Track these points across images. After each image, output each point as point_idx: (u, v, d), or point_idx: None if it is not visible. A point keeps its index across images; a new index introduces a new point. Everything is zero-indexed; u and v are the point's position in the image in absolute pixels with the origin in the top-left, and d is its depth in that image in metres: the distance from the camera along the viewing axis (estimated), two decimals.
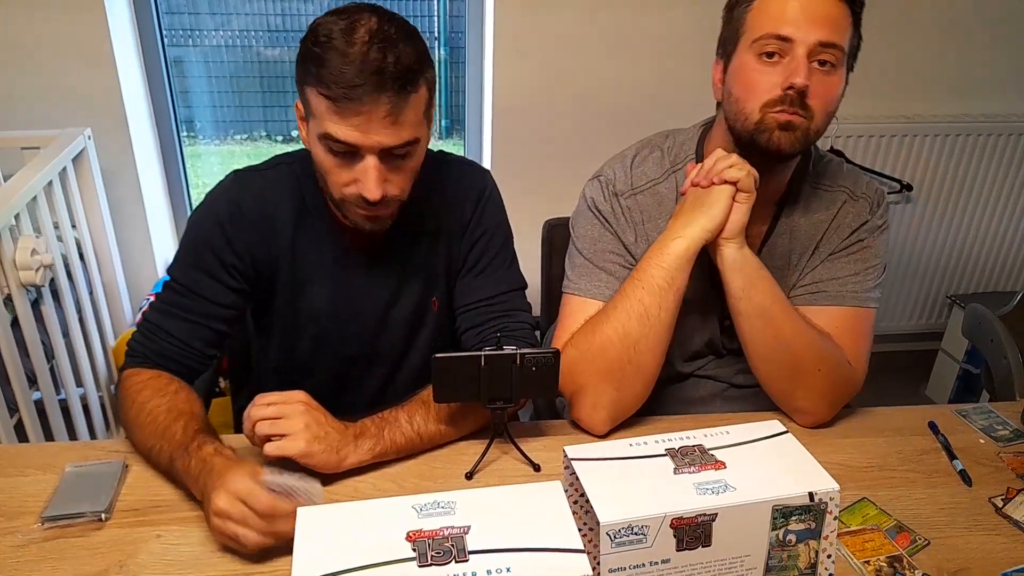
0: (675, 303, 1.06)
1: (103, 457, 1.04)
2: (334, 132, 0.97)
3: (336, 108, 0.95)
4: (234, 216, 1.10)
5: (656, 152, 1.19)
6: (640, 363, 1.07)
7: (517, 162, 2.33)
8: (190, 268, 1.11)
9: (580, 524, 0.78)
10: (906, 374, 2.66)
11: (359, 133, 0.96)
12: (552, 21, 2.20)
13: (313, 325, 1.18)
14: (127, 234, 2.24)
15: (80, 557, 0.88)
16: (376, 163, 0.99)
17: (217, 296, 1.10)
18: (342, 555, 0.68)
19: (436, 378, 0.99)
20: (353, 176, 1.00)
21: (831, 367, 1.10)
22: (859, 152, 2.45)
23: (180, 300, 1.10)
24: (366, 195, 1.00)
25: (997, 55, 2.47)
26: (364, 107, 0.95)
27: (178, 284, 1.11)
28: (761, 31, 1.02)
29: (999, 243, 2.70)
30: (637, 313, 1.05)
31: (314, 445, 0.95)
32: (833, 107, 1.05)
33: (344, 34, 0.95)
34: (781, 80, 1.01)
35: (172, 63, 2.32)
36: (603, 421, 1.10)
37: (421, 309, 1.21)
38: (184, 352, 1.09)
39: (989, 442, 1.14)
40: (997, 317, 1.83)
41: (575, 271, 1.18)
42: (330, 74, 0.94)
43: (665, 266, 1.05)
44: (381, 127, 0.96)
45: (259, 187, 1.12)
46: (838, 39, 1.01)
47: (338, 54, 0.94)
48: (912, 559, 0.91)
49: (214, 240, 1.09)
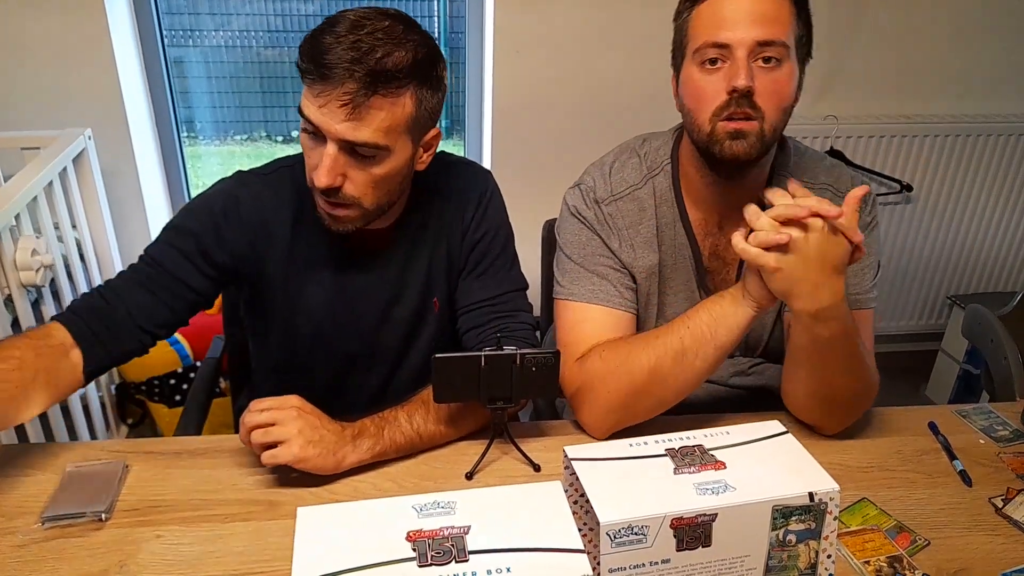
0: (714, 356, 1.03)
1: (103, 457, 1.03)
2: (303, 107, 0.99)
3: (306, 82, 0.98)
4: (228, 212, 1.11)
5: (634, 158, 1.19)
6: (661, 397, 1.07)
7: (517, 162, 2.33)
8: (165, 246, 1.10)
9: (580, 524, 0.78)
10: (906, 374, 2.66)
11: (320, 114, 0.97)
12: (552, 21, 2.20)
13: (310, 325, 1.18)
14: (127, 234, 2.24)
15: (80, 557, 0.88)
16: (334, 151, 0.98)
17: (188, 277, 1.09)
18: (342, 555, 0.68)
19: (436, 378, 0.99)
20: (316, 161, 1.01)
21: (873, 393, 1.11)
22: (859, 152, 2.45)
23: (150, 273, 1.08)
24: (314, 177, 1.00)
25: (997, 55, 2.47)
26: (328, 88, 0.95)
27: (151, 258, 1.09)
28: (700, 40, 1.03)
29: (999, 243, 2.70)
30: (675, 350, 1.03)
31: (308, 450, 0.95)
32: (787, 101, 1.04)
33: (351, 23, 0.97)
34: (725, 85, 1.01)
35: (172, 63, 2.32)
36: (606, 430, 1.10)
37: (422, 309, 1.21)
38: (128, 325, 1.05)
39: (989, 442, 1.14)
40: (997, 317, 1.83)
41: (566, 276, 1.17)
42: (311, 49, 0.96)
43: (713, 316, 1.02)
44: (340, 115, 0.96)
45: (258, 189, 1.13)
46: (777, 35, 1.00)
47: (332, 35, 0.96)
48: (912, 559, 0.91)
49: (201, 227, 1.10)
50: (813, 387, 1.08)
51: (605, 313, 1.13)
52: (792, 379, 1.10)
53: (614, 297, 1.14)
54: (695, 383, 1.06)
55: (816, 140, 2.41)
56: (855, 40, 2.38)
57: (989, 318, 1.84)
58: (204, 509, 0.95)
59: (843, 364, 1.04)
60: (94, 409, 2.00)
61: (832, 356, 1.02)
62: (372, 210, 1.06)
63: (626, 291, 1.15)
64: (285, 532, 0.90)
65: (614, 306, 1.14)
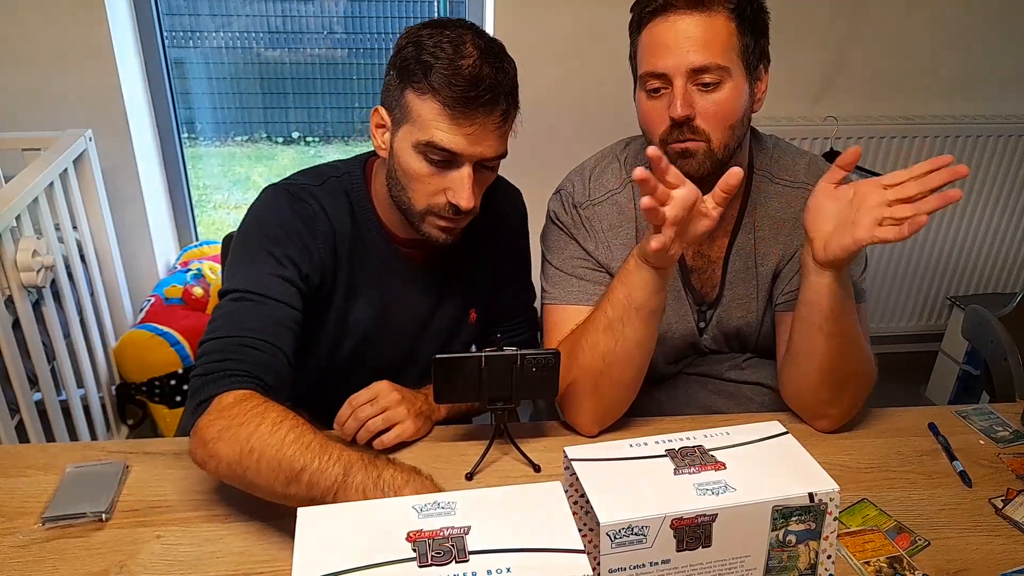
0: (641, 320, 1.02)
1: (104, 458, 1.04)
2: (440, 140, 0.99)
3: (450, 116, 0.98)
4: (309, 225, 1.08)
5: (614, 163, 1.21)
6: (613, 376, 1.06)
7: (517, 162, 2.33)
8: (263, 275, 1.02)
9: (580, 524, 0.78)
10: (906, 375, 2.66)
11: (467, 142, 0.99)
12: (552, 21, 2.20)
13: (358, 335, 1.17)
14: (128, 235, 2.25)
15: (80, 557, 0.88)
16: (471, 172, 1.01)
17: (292, 300, 1.03)
18: (342, 555, 0.68)
19: (436, 378, 0.99)
20: (444, 185, 1.02)
21: (873, 380, 1.12)
22: None
23: (255, 307, 0.99)
24: (460, 203, 1.01)
25: (997, 56, 2.47)
26: (479, 118, 0.98)
27: (250, 292, 1.00)
28: (642, 70, 1.07)
29: (999, 244, 2.70)
30: (603, 325, 1.05)
31: (419, 422, 1.08)
32: (731, 119, 1.05)
33: (454, 46, 0.98)
34: (668, 111, 1.03)
35: (173, 64, 2.33)
36: (587, 424, 1.11)
37: (458, 321, 1.24)
38: (277, 358, 0.97)
39: (989, 443, 1.14)
40: (997, 318, 1.83)
41: (549, 282, 1.20)
42: (447, 83, 0.97)
43: (622, 280, 1.03)
44: (489, 139, 1.00)
45: (320, 201, 1.10)
46: (713, 59, 1.01)
47: (452, 64, 0.97)
48: (912, 560, 0.91)
49: (289, 247, 1.04)
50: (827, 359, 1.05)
51: (585, 313, 1.14)
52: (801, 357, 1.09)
53: (593, 297, 1.15)
54: (637, 352, 1.05)
55: (816, 141, 2.41)
56: (855, 40, 2.38)
57: (989, 319, 1.84)
58: (204, 509, 0.95)
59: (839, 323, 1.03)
60: (94, 410, 2.01)
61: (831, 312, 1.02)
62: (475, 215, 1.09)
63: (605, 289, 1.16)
64: (285, 532, 0.90)
65: (592, 305, 1.14)
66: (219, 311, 1.00)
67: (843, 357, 1.06)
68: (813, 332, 1.05)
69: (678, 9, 1.01)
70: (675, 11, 1.02)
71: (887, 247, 2.63)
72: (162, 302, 2.19)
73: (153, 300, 2.21)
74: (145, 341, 2.05)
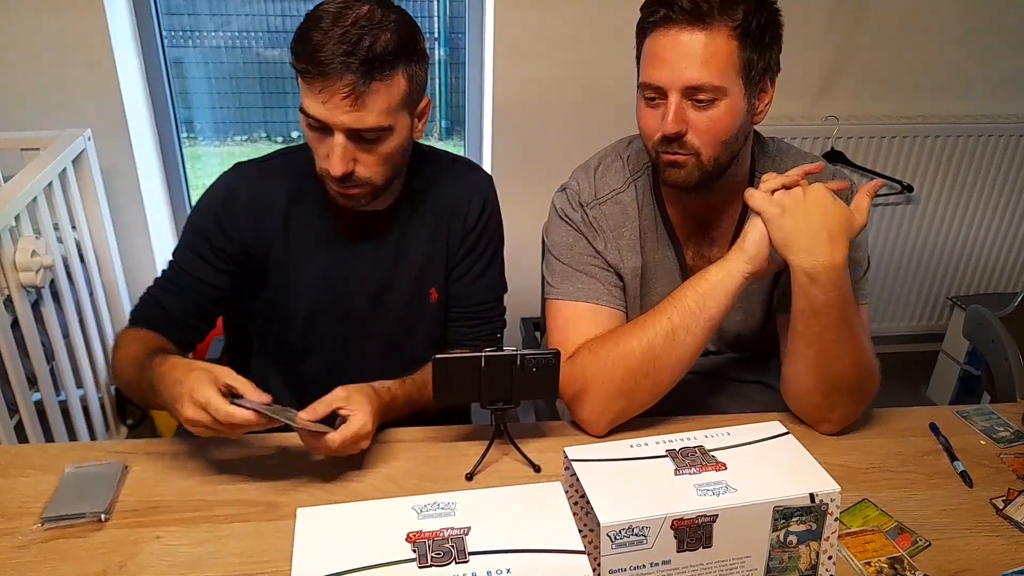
0: (704, 330, 1.05)
1: (103, 458, 1.04)
2: (305, 106, 1.03)
3: (304, 82, 1.01)
4: (227, 202, 1.16)
5: (617, 161, 1.21)
6: (658, 379, 1.08)
7: (517, 162, 2.33)
8: (186, 249, 1.17)
9: (580, 525, 0.78)
10: (907, 375, 2.66)
11: (324, 109, 1.01)
12: (552, 21, 2.20)
13: (305, 306, 1.21)
14: (127, 235, 2.24)
15: (80, 558, 0.88)
16: (343, 141, 1.03)
17: (206, 276, 1.16)
18: (342, 556, 0.68)
19: (436, 379, 0.99)
20: (325, 151, 1.05)
21: (875, 386, 1.11)
22: (859, 153, 2.45)
23: (176, 278, 1.17)
24: (331, 170, 1.04)
25: (997, 56, 2.47)
26: (328, 84, 0.99)
27: (175, 263, 1.18)
28: (642, 79, 1.07)
29: (1000, 244, 2.70)
30: (664, 330, 1.05)
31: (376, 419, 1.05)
32: (724, 136, 1.05)
33: (333, 16, 1.00)
34: (661, 125, 1.04)
35: (172, 64, 2.32)
36: (606, 424, 1.10)
37: (416, 299, 1.25)
38: (176, 324, 1.16)
39: (990, 443, 1.14)
40: (998, 318, 1.83)
41: (555, 277, 1.19)
42: (304, 49, 1.00)
43: (700, 292, 1.05)
44: (344, 107, 1.00)
45: (255, 175, 1.18)
46: (708, 78, 1.01)
47: (320, 32, 0.99)
48: (913, 560, 0.91)
49: (206, 224, 1.16)
50: (811, 362, 1.07)
51: (594, 311, 1.14)
52: (792, 359, 1.10)
53: (603, 295, 1.15)
54: (688, 361, 1.08)
55: (816, 140, 2.41)
56: (855, 40, 2.38)
57: (990, 319, 1.84)
58: (204, 510, 0.95)
59: (838, 333, 1.04)
60: (94, 410, 2.00)
61: (828, 323, 1.03)
62: (382, 185, 1.11)
63: (614, 288, 1.16)
64: (285, 533, 0.90)
65: (603, 303, 1.15)
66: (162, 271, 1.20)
67: (830, 361, 1.06)
68: (796, 336, 1.07)
69: (680, 23, 1.00)
70: (677, 25, 1.01)
71: (887, 248, 2.63)
72: None
73: None
74: None
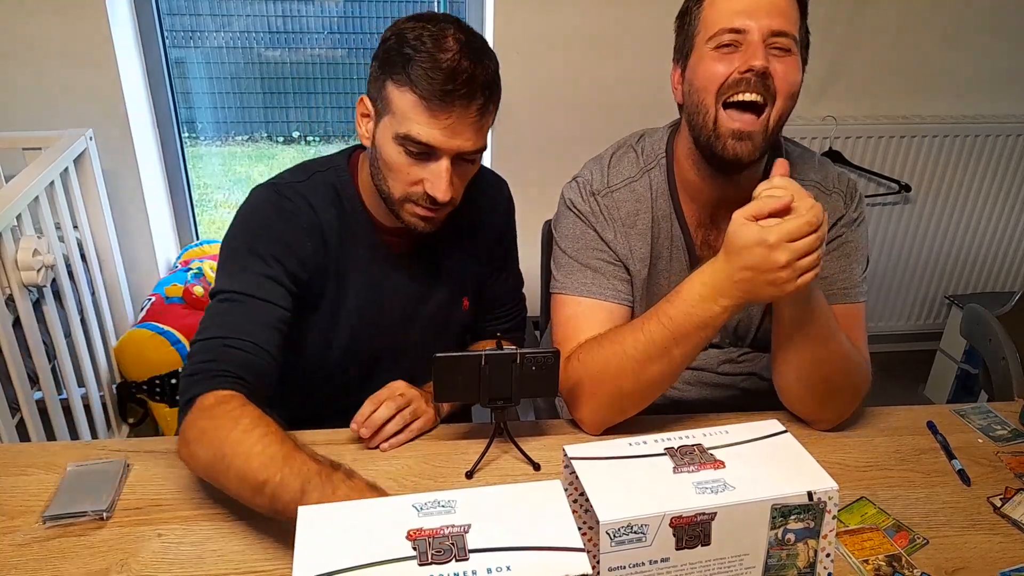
0: (693, 346, 1.04)
1: (104, 456, 1.04)
2: (417, 133, 1.00)
3: (427, 109, 0.99)
4: (289, 223, 1.09)
5: (630, 153, 1.21)
6: (645, 394, 1.08)
7: (517, 162, 2.34)
8: (249, 275, 1.04)
9: (580, 523, 0.79)
10: (904, 374, 2.67)
11: (444, 136, 1.00)
12: (552, 21, 2.20)
13: (350, 324, 1.18)
14: (129, 234, 2.25)
15: (82, 556, 0.88)
16: (448, 165, 1.03)
17: (280, 299, 1.05)
18: (342, 554, 0.69)
19: (436, 377, 0.99)
20: (422, 176, 1.04)
21: (865, 381, 1.12)
22: (858, 152, 2.46)
23: (241, 308, 1.01)
24: (437, 195, 1.03)
25: (996, 56, 2.47)
26: (455, 111, 0.99)
27: (236, 293, 1.02)
28: (715, 27, 1.05)
29: (997, 243, 2.70)
30: (660, 346, 1.04)
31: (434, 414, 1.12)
32: (795, 89, 1.05)
33: (435, 40, 0.99)
34: (740, 64, 1.03)
35: (173, 64, 2.33)
36: (601, 424, 1.11)
37: (449, 308, 1.25)
38: (261, 358, 0.99)
39: (987, 442, 1.14)
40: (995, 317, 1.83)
41: (561, 271, 1.19)
42: (425, 76, 0.97)
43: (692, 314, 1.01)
44: (466, 132, 1.01)
45: (305, 198, 1.11)
46: (790, 28, 1.03)
47: (431, 58, 0.98)
48: (911, 558, 0.91)
49: (273, 247, 1.06)
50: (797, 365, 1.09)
51: (598, 307, 1.14)
52: (779, 364, 1.11)
53: (607, 290, 1.15)
54: (678, 372, 1.08)
55: (815, 140, 2.41)
56: (855, 40, 2.38)
57: (987, 318, 1.84)
58: (205, 508, 0.96)
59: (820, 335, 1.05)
60: (95, 408, 2.01)
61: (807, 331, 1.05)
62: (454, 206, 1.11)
63: (620, 284, 1.16)
64: (285, 531, 0.90)
65: (607, 299, 1.15)
66: (208, 312, 1.03)
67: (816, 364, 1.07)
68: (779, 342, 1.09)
69: None
70: None
71: (885, 247, 2.64)
72: (163, 301, 2.20)
73: (154, 299, 2.21)
74: (146, 340, 2.05)
